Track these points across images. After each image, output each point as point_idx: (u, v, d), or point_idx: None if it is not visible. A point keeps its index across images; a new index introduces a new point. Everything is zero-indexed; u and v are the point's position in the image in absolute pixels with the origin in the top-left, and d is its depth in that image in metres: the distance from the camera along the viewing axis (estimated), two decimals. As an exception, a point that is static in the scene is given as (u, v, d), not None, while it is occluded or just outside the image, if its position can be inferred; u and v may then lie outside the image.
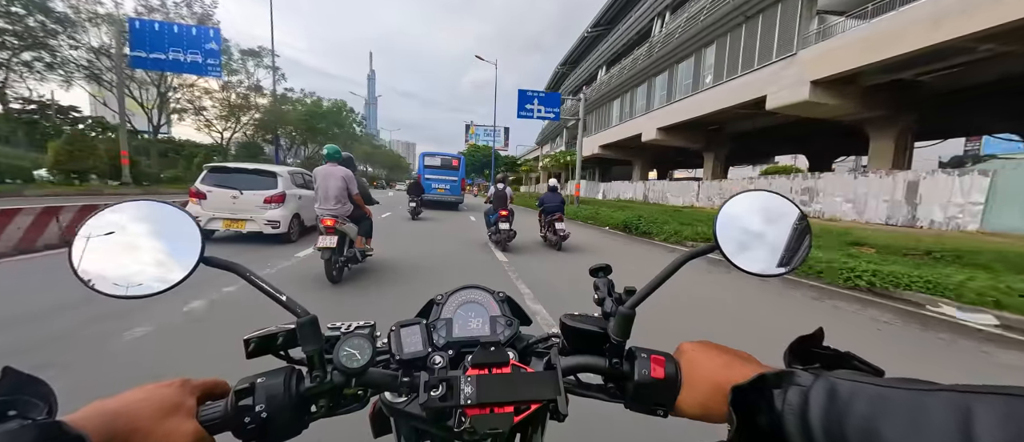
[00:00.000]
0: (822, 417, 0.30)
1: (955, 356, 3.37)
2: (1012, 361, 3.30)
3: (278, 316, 0.49)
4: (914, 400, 0.26)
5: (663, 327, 3.02)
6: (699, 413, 0.45)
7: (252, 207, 6.88)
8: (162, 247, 0.45)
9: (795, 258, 0.49)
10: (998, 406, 0.22)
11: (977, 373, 3.05)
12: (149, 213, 0.46)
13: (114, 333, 2.80)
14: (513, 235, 7.44)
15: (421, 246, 7.63)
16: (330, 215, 4.43)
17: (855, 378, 0.31)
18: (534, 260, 6.69)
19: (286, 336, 0.50)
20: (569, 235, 7.81)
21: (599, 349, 0.52)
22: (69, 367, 2.35)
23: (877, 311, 4.54)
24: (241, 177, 7.14)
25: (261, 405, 0.44)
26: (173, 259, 0.45)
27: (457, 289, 0.66)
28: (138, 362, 2.45)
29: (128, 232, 0.44)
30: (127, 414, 0.38)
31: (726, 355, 0.46)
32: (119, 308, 3.01)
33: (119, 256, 0.43)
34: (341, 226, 4.43)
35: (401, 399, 0.53)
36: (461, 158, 19.31)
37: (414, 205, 13.03)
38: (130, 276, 0.43)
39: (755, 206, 0.52)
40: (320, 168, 4.69)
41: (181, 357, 2.56)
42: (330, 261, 4.25)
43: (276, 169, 7.61)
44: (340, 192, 4.57)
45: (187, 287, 0.45)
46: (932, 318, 4.36)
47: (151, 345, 2.70)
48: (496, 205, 7.55)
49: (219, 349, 2.50)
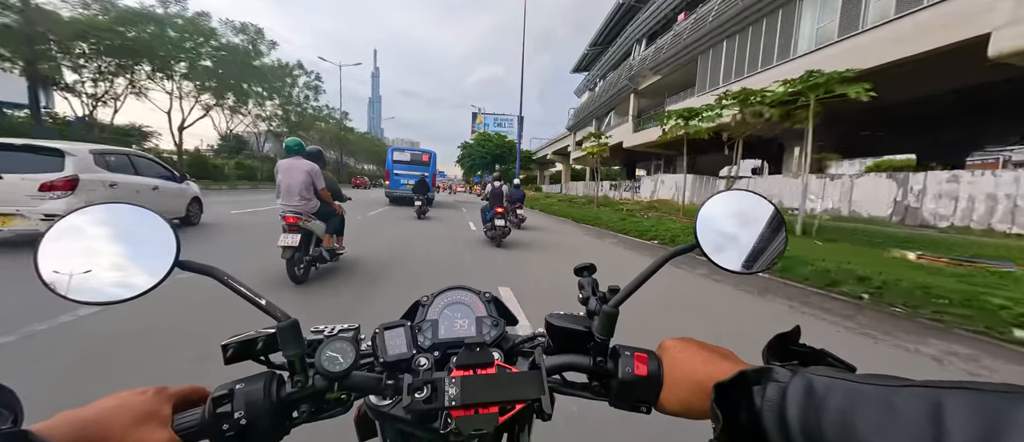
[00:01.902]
0: (800, 412, 0.30)
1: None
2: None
3: (257, 320, 0.48)
4: (887, 395, 0.27)
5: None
6: (681, 410, 0.46)
7: (20, 196, 4.81)
8: (135, 251, 0.44)
9: (770, 254, 0.51)
10: (968, 400, 0.23)
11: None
12: (121, 216, 0.44)
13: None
14: (508, 231, 7.46)
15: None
16: (292, 212, 4.12)
17: (831, 374, 0.32)
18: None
19: (266, 341, 0.48)
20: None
21: (584, 348, 0.53)
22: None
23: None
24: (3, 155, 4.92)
25: (240, 412, 0.43)
26: (147, 263, 0.43)
27: (443, 290, 0.66)
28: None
29: (98, 236, 0.43)
30: (98, 423, 0.36)
31: (706, 352, 0.46)
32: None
33: (89, 261, 0.42)
34: (305, 223, 4.14)
35: (386, 402, 0.53)
36: (432, 154, 18.51)
37: (420, 204, 12.43)
38: (100, 282, 0.41)
39: (733, 205, 0.54)
40: (282, 161, 4.32)
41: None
42: (292, 260, 3.96)
43: (66, 145, 5.43)
44: (304, 187, 4.23)
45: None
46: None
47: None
48: (492, 202, 7.68)
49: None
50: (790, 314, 4.09)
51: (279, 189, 4.25)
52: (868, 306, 4.45)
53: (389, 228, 9.40)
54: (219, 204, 12.30)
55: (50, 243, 0.41)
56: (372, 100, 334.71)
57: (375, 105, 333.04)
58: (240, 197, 16.76)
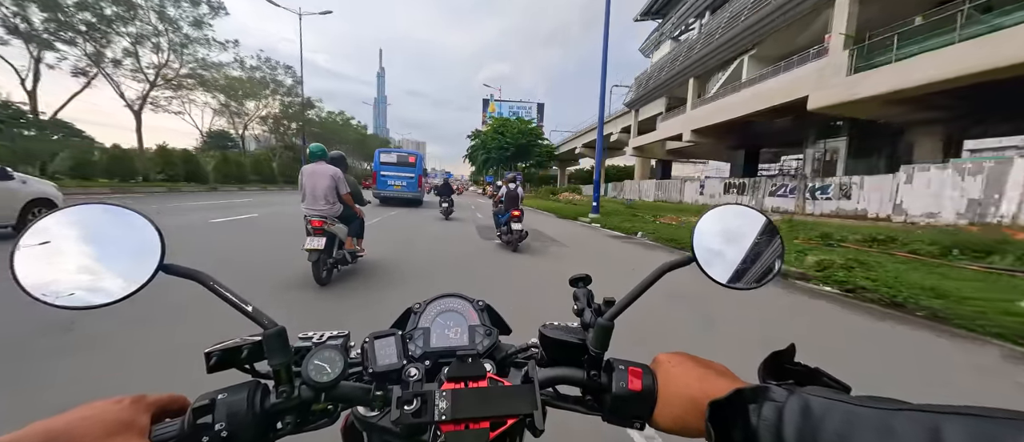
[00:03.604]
0: (796, 433, 0.30)
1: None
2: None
3: (243, 327, 0.46)
4: (884, 419, 0.27)
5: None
6: (675, 426, 0.45)
7: None
8: (118, 254, 0.42)
9: (765, 268, 0.51)
10: (966, 426, 0.23)
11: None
12: (103, 217, 0.43)
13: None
14: (525, 236, 7.27)
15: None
16: (317, 216, 4.28)
17: (827, 395, 0.32)
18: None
19: (251, 349, 0.47)
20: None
21: (578, 360, 0.52)
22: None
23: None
24: None
25: (222, 423, 0.42)
26: (130, 266, 0.42)
27: (436, 297, 0.65)
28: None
29: (79, 238, 0.41)
30: (70, 433, 0.35)
31: (702, 368, 0.46)
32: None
33: (69, 264, 0.40)
34: (329, 227, 4.31)
35: (374, 413, 0.51)
36: (418, 156, 19.02)
37: (446, 206, 13.09)
38: (82, 285, 0.40)
39: (729, 219, 0.54)
40: (306, 167, 4.51)
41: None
42: (318, 263, 4.09)
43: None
44: (328, 191, 4.42)
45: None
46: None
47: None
48: (507, 205, 7.39)
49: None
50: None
51: (304, 193, 4.40)
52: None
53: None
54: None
55: (28, 245, 0.39)
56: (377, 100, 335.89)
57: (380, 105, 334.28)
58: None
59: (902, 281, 4.83)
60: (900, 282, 4.78)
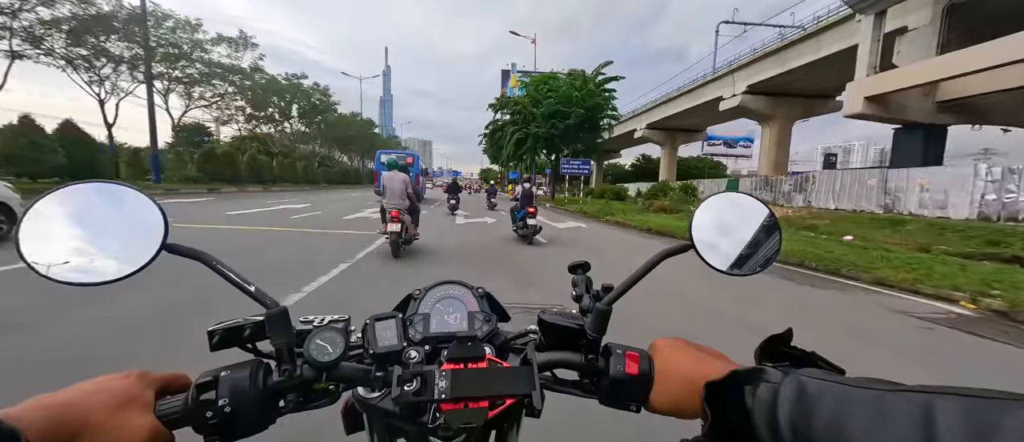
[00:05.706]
0: (790, 414, 0.30)
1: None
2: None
3: (246, 307, 0.48)
4: (878, 399, 0.27)
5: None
6: (671, 408, 0.46)
7: None
8: (122, 232, 0.42)
9: (764, 255, 0.52)
10: (959, 406, 0.23)
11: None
12: (107, 195, 0.43)
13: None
14: (539, 229, 8.40)
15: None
16: (396, 208, 5.96)
17: (822, 377, 0.32)
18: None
19: (254, 328, 0.47)
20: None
21: (576, 345, 0.53)
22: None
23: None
24: None
25: (225, 399, 0.42)
26: (133, 245, 0.42)
27: (436, 284, 0.65)
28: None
29: (84, 215, 0.42)
30: (77, 407, 0.35)
31: (698, 352, 0.46)
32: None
33: (73, 241, 0.41)
34: (402, 217, 5.97)
35: (374, 394, 0.52)
36: (415, 156, 20.35)
37: (454, 203, 15.27)
38: (85, 262, 0.40)
39: (728, 207, 0.54)
40: (387, 173, 6.34)
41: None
42: (395, 242, 5.80)
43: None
44: (402, 192, 6.21)
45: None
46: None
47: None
48: (523, 203, 8.52)
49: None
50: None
51: (385, 191, 6.23)
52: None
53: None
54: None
55: (32, 222, 0.40)
56: (384, 99, 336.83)
57: (386, 104, 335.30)
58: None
59: None
60: None
